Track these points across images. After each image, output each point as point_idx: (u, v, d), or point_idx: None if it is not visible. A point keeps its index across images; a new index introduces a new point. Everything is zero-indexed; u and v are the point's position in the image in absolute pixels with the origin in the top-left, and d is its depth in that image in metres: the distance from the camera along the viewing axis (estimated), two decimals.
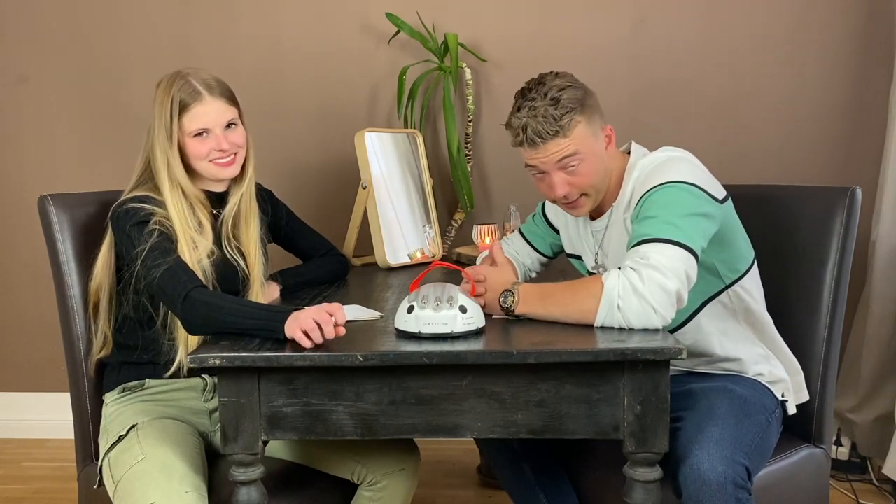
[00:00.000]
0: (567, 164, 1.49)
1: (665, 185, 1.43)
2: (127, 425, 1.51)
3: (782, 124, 2.68)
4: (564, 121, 1.46)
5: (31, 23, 2.81)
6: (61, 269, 1.65)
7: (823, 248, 1.63)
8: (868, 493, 2.37)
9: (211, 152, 1.59)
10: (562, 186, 1.51)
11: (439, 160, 2.76)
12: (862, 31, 2.64)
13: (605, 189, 1.56)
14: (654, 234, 1.37)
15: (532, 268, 1.86)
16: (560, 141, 1.47)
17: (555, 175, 1.50)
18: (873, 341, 2.44)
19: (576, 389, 1.25)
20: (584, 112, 1.49)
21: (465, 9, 2.72)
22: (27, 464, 2.74)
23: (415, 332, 1.28)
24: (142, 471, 1.41)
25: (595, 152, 1.51)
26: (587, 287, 1.36)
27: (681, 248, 1.35)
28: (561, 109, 1.46)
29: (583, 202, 1.54)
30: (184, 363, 1.55)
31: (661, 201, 1.41)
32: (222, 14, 2.77)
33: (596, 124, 1.52)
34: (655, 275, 1.31)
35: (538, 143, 1.48)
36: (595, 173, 1.51)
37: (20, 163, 2.87)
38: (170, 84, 1.58)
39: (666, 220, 1.38)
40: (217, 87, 1.60)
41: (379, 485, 1.56)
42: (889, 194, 2.41)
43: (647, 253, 1.34)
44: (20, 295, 2.93)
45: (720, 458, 1.31)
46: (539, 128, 1.46)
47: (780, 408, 1.57)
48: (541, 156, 1.49)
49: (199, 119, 1.57)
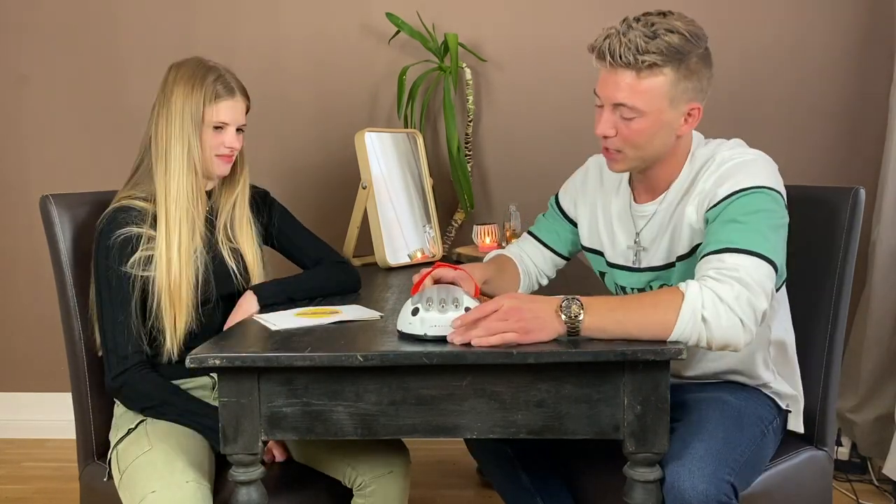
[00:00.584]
0: (623, 110, 1.35)
1: (756, 190, 1.31)
2: (137, 419, 1.54)
3: (782, 124, 2.68)
4: (647, 58, 1.30)
5: (32, 23, 2.81)
6: (62, 269, 1.65)
7: (826, 249, 1.61)
8: (868, 494, 2.37)
9: (220, 147, 1.63)
10: (605, 126, 1.37)
11: (439, 160, 2.76)
12: (862, 31, 2.64)
13: (654, 162, 1.42)
14: (742, 244, 1.25)
15: (544, 272, 1.72)
16: (632, 77, 1.32)
17: (606, 111, 1.37)
18: (873, 341, 2.44)
19: (576, 389, 1.24)
20: (678, 69, 1.32)
21: (465, 9, 2.72)
22: (27, 464, 2.74)
23: (420, 334, 1.27)
24: (146, 461, 1.43)
25: (662, 119, 1.35)
26: (664, 297, 1.23)
27: (768, 263, 1.25)
28: (653, 45, 1.30)
29: (619, 157, 1.40)
30: (171, 352, 1.57)
31: (751, 207, 1.29)
32: (223, 14, 2.77)
33: (684, 91, 1.35)
34: (745, 290, 1.21)
35: (607, 61, 1.33)
36: (648, 137, 1.36)
37: (21, 163, 2.88)
38: (201, 72, 1.60)
39: (756, 230, 1.26)
40: (244, 90, 1.67)
41: (369, 488, 1.54)
42: (889, 194, 2.41)
43: (737, 265, 1.23)
44: (20, 295, 2.93)
45: (702, 475, 1.24)
46: (617, 48, 1.31)
47: (779, 418, 1.52)
48: (607, 83, 1.35)
49: (226, 113, 1.62)
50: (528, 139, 2.76)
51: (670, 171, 1.45)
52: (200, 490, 1.38)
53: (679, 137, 1.41)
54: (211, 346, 1.28)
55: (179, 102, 1.59)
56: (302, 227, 1.86)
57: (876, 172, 2.53)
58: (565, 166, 2.69)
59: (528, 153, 2.76)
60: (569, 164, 2.68)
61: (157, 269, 1.54)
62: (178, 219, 1.56)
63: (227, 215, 1.69)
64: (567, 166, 2.69)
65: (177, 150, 1.58)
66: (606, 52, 1.33)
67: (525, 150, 2.77)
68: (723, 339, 1.22)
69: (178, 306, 1.55)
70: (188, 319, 1.57)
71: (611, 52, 1.32)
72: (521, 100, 2.75)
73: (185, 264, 1.56)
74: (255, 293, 1.63)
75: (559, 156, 2.73)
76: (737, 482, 1.29)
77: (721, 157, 1.39)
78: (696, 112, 1.39)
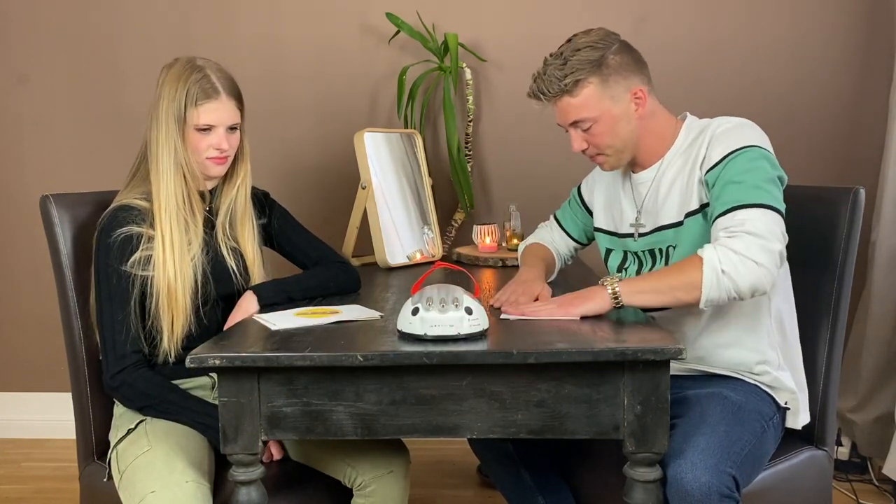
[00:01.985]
0: (580, 125, 1.54)
1: (747, 148, 1.44)
2: (136, 419, 1.54)
3: (782, 124, 2.68)
4: (567, 82, 1.49)
5: (32, 23, 2.81)
6: (62, 269, 1.65)
7: (827, 249, 1.61)
8: (868, 494, 2.37)
9: (209, 149, 1.60)
10: (577, 143, 1.57)
11: (439, 160, 2.76)
12: (862, 31, 2.64)
13: (633, 149, 1.58)
14: (744, 199, 1.38)
15: (566, 255, 1.88)
16: (568, 100, 1.51)
17: (571, 131, 1.57)
18: (873, 342, 2.44)
19: (576, 389, 1.24)
20: (598, 73, 1.50)
21: (465, 9, 2.72)
22: (27, 464, 2.74)
23: (420, 334, 1.27)
24: (146, 462, 1.43)
25: (613, 115, 1.52)
26: (686, 263, 1.37)
27: (773, 210, 1.37)
28: (567, 69, 1.49)
29: (602, 160, 1.59)
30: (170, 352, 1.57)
31: (746, 166, 1.42)
32: (222, 14, 2.77)
33: (616, 84, 1.51)
34: (755, 239, 1.34)
35: (541, 99, 1.54)
36: (613, 135, 1.53)
37: (20, 163, 2.88)
38: (186, 73, 1.57)
39: (753, 185, 1.39)
40: (233, 89, 1.62)
41: (369, 488, 1.55)
42: (889, 195, 2.41)
43: (743, 220, 1.36)
44: (20, 295, 2.93)
45: (704, 467, 1.27)
46: (543, 87, 1.52)
47: (778, 414, 1.54)
48: (556, 112, 1.56)
49: (209, 115, 1.58)
50: (528, 139, 2.76)
51: (657, 145, 1.59)
52: (200, 490, 1.38)
53: (642, 119, 1.55)
54: (211, 345, 1.28)
55: (164, 105, 1.57)
56: (302, 227, 1.85)
57: (876, 172, 2.53)
58: (565, 166, 2.71)
59: (528, 153, 2.76)
60: (568, 164, 2.70)
61: (155, 269, 1.54)
62: (171, 220, 1.56)
63: (225, 214, 1.67)
64: (567, 166, 2.70)
65: (164, 153, 1.57)
66: (538, 93, 1.54)
67: (525, 150, 2.77)
68: (747, 285, 1.33)
69: (176, 306, 1.55)
70: (186, 320, 1.57)
71: (540, 91, 1.53)
72: (521, 100, 2.74)
73: (182, 265, 1.56)
74: (256, 293, 1.62)
75: (559, 156, 2.73)
76: (738, 475, 1.31)
77: (714, 124, 1.54)
78: (641, 93, 1.54)
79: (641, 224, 1.62)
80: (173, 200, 1.57)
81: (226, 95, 1.59)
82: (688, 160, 1.54)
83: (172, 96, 1.56)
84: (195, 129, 1.58)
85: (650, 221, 1.60)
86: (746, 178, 1.40)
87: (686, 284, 1.35)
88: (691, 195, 1.52)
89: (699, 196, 1.51)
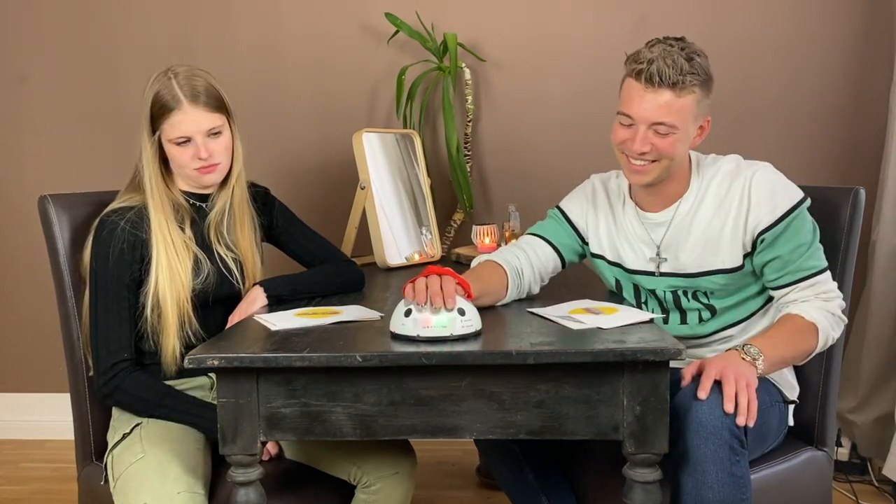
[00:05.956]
0: (660, 127, 1.47)
1: (797, 207, 1.50)
2: (133, 423, 1.53)
3: (782, 124, 2.68)
4: (688, 79, 1.44)
5: (31, 23, 2.81)
6: (61, 269, 1.65)
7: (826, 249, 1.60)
8: (868, 494, 2.37)
9: (193, 160, 1.57)
10: (642, 143, 1.48)
11: (438, 160, 2.76)
12: (862, 32, 2.64)
13: (669, 173, 1.53)
14: (820, 265, 1.52)
15: (545, 276, 1.71)
16: (671, 96, 1.44)
17: (641, 129, 1.48)
18: (873, 342, 2.44)
19: (575, 390, 1.24)
20: (704, 89, 1.48)
21: (465, 9, 2.71)
22: (26, 464, 2.74)
23: (413, 335, 1.27)
24: (138, 470, 1.42)
25: (688, 131, 1.49)
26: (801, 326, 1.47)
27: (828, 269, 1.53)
28: (692, 67, 1.44)
29: (652, 168, 1.51)
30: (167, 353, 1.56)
31: (805, 227, 1.51)
32: (222, 15, 2.77)
33: (703, 107, 1.50)
34: (838, 299, 1.51)
35: (654, 82, 1.44)
36: (678, 149, 1.49)
37: (20, 163, 2.87)
38: (155, 82, 1.56)
39: (817, 247, 1.52)
40: (202, 95, 1.55)
41: (373, 487, 1.56)
42: (889, 195, 2.41)
43: (825, 282, 1.51)
44: (20, 295, 2.93)
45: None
46: (665, 69, 1.43)
47: (782, 403, 1.56)
48: (645, 104, 1.46)
49: (179, 127, 1.54)
50: (528, 139, 2.76)
51: (677, 181, 1.57)
52: (193, 500, 1.37)
53: (691, 149, 1.56)
54: (209, 346, 1.28)
55: (143, 120, 1.57)
56: (305, 225, 1.86)
57: (876, 172, 2.52)
58: (564, 166, 2.71)
59: (528, 153, 2.76)
60: (568, 164, 2.70)
61: (150, 274, 1.54)
62: (166, 224, 1.56)
63: (221, 216, 1.66)
64: (566, 166, 2.70)
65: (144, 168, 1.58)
66: (655, 73, 1.43)
67: (524, 150, 2.76)
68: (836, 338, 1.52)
69: (171, 309, 1.55)
70: (184, 322, 1.57)
71: (659, 73, 1.43)
72: (520, 100, 2.75)
73: (179, 268, 1.55)
74: (263, 285, 1.63)
75: (558, 156, 2.73)
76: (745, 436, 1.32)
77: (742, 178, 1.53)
78: (707, 125, 1.54)
79: (664, 259, 1.60)
80: (160, 206, 1.56)
81: (190, 104, 1.53)
82: (720, 211, 1.54)
83: (147, 113, 1.56)
84: (174, 144, 1.56)
85: (668, 265, 1.59)
86: (811, 240, 1.51)
87: (806, 351, 1.47)
88: (723, 252, 1.54)
89: (731, 254, 1.54)
